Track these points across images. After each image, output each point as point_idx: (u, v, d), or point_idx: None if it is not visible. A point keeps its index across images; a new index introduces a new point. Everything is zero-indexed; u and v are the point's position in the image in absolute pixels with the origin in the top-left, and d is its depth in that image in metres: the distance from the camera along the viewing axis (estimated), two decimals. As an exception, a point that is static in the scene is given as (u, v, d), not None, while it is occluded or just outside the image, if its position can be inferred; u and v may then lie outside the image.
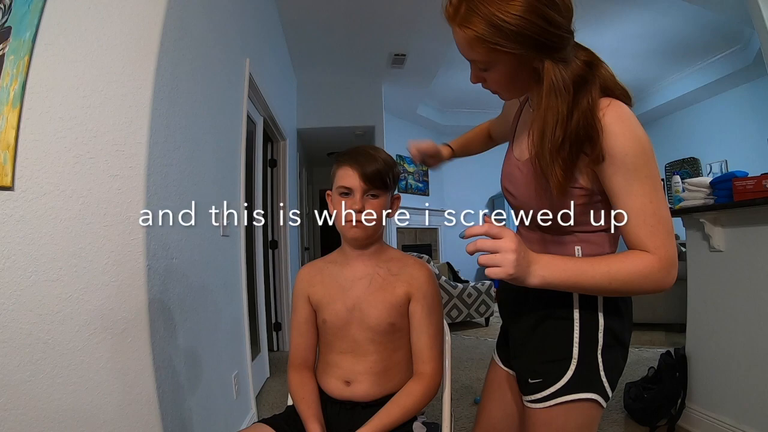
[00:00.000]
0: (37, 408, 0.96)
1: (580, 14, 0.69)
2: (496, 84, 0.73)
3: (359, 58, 4.10)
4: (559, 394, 0.73)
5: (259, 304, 2.87)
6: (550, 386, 0.73)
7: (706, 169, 5.51)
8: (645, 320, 3.76)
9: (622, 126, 0.65)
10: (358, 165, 0.90)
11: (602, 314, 0.74)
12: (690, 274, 1.93)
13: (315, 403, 0.93)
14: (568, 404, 0.72)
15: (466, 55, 0.70)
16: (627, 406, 2.05)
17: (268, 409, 2.32)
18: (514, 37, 0.62)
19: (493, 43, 0.63)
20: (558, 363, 0.74)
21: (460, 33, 0.66)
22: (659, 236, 0.66)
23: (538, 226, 0.75)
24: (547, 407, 0.74)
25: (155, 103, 1.17)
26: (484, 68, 0.71)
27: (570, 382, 0.73)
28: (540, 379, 0.75)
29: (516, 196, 0.78)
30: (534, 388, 0.75)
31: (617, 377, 0.76)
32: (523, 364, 0.80)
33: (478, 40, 0.64)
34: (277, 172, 3.58)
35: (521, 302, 0.81)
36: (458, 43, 0.69)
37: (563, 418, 0.73)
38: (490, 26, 0.62)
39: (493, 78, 0.71)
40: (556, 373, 0.73)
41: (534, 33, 0.62)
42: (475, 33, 0.63)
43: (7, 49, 0.97)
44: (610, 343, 0.74)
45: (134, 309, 1.09)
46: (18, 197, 0.97)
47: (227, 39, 1.92)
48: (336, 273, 0.99)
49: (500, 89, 0.74)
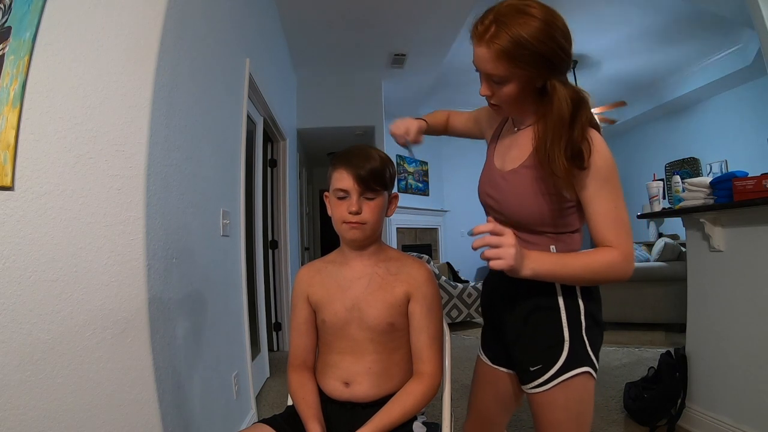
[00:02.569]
0: (37, 408, 0.96)
1: (579, 13, 0.72)
2: (505, 97, 0.83)
3: (359, 58, 4.10)
4: (559, 375, 0.84)
5: (259, 304, 2.87)
6: (550, 369, 0.84)
7: (706, 169, 5.51)
8: (645, 320, 3.75)
9: (602, 146, 0.80)
10: (353, 167, 0.90)
11: (581, 300, 0.88)
12: (690, 274, 1.93)
13: (315, 403, 0.93)
14: (567, 381, 0.84)
15: (488, 69, 0.80)
16: (627, 406, 2.05)
17: (268, 409, 2.32)
18: (532, 56, 0.75)
19: (515, 59, 0.76)
20: (553, 348, 0.85)
21: (487, 49, 0.78)
22: (621, 234, 0.79)
23: (516, 227, 0.85)
24: (550, 388, 0.84)
25: (155, 103, 1.17)
26: (499, 82, 0.81)
27: (566, 363, 0.84)
28: (540, 365, 0.85)
29: (498, 200, 0.91)
30: (535, 374, 0.86)
31: (599, 351, 0.90)
32: (522, 355, 0.90)
33: (504, 56, 0.76)
34: (277, 172, 3.58)
35: (509, 302, 0.93)
36: (483, 58, 0.79)
37: (565, 394, 0.84)
38: (515, 45, 0.74)
39: (504, 92, 0.82)
40: (553, 357, 0.84)
41: (548, 55, 0.76)
42: (502, 49, 0.75)
43: (7, 49, 0.97)
44: (590, 323, 0.89)
45: (134, 309, 1.09)
46: (18, 197, 0.97)
47: (227, 39, 1.92)
48: (335, 273, 0.99)
49: (506, 103, 0.85)
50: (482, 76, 0.84)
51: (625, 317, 3.83)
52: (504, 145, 0.96)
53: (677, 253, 3.79)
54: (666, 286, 3.63)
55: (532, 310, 0.88)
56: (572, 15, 3.93)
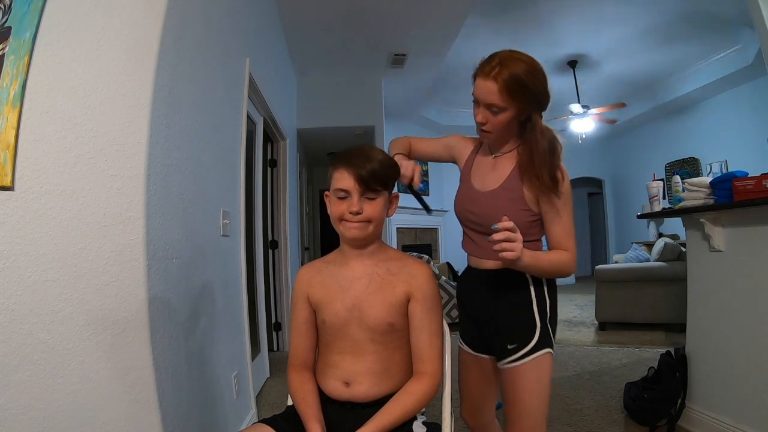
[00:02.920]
0: (37, 408, 0.96)
1: (580, 13, 0.73)
2: (498, 125, 1.03)
3: (359, 58, 4.10)
4: (531, 352, 1.04)
5: (259, 304, 2.87)
6: (524, 347, 1.04)
7: (706, 169, 5.51)
8: (645, 320, 3.75)
9: (567, 174, 1.05)
10: (353, 167, 0.90)
11: (547, 296, 1.09)
12: (690, 274, 1.93)
13: (315, 403, 0.93)
14: (537, 358, 1.04)
15: (490, 100, 0.99)
16: (627, 406, 2.05)
17: (268, 409, 2.32)
18: (526, 94, 0.98)
19: (513, 92, 0.97)
20: (527, 331, 1.06)
21: (491, 84, 0.98)
22: (572, 241, 1.04)
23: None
24: (524, 363, 1.04)
25: (155, 103, 1.17)
26: (496, 112, 1.01)
27: (537, 343, 1.05)
28: (516, 344, 1.05)
29: (480, 215, 1.09)
30: (512, 351, 1.05)
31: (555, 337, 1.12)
32: (502, 336, 1.08)
33: (505, 89, 0.97)
34: (277, 172, 3.58)
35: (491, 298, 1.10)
36: (488, 90, 0.99)
37: (535, 368, 1.04)
38: (515, 82, 0.96)
39: (497, 120, 1.02)
40: (527, 338, 1.05)
41: (537, 94, 1.00)
42: (505, 85, 0.96)
43: (7, 49, 0.97)
44: (552, 314, 1.10)
45: (134, 309, 1.09)
46: (18, 197, 0.97)
47: (227, 39, 1.92)
48: (335, 273, 0.99)
49: (497, 130, 1.04)
50: (481, 106, 1.02)
51: (625, 317, 3.83)
52: (481, 169, 1.15)
53: (677, 253, 3.78)
54: (666, 286, 3.63)
55: (511, 302, 1.08)
56: (574, 15, 3.94)
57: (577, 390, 2.44)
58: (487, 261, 1.09)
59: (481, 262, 1.12)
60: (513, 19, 3.99)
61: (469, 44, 4.36)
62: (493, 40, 4.35)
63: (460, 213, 1.16)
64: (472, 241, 1.14)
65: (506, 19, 4.00)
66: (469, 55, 4.35)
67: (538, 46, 4.52)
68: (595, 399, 2.28)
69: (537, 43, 4.43)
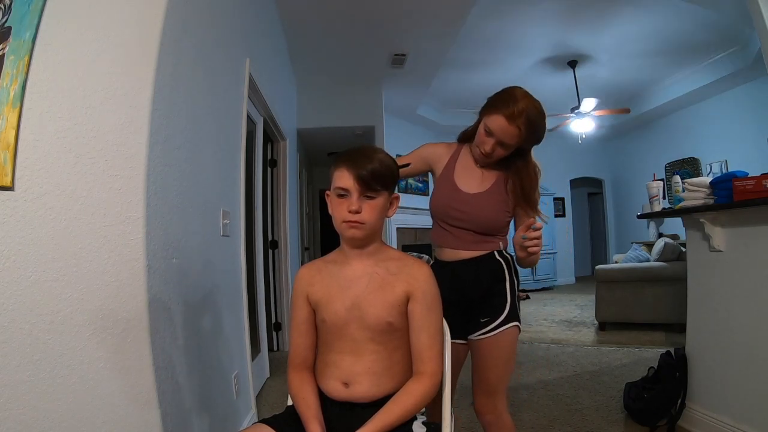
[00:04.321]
0: (37, 408, 0.96)
1: (581, 14, 0.73)
2: (501, 153, 1.22)
3: (359, 58, 4.10)
4: (501, 325, 1.22)
5: (259, 304, 2.87)
6: (495, 321, 1.22)
7: (706, 169, 5.51)
8: (645, 320, 3.75)
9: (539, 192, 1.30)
10: (354, 166, 0.90)
11: (515, 277, 1.29)
12: (690, 274, 1.93)
13: (315, 403, 0.93)
14: (507, 330, 1.22)
15: (506, 140, 1.18)
16: (627, 406, 2.05)
17: (268, 409, 2.32)
18: (535, 137, 1.20)
19: (527, 138, 1.18)
20: (500, 306, 1.24)
21: (514, 129, 1.15)
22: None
23: (474, 231, 1.26)
24: (494, 335, 1.22)
25: (155, 103, 1.17)
26: (505, 147, 1.19)
27: (506, 317, 1.22)
28: (488, 318, 1.23)
29: (467, 213, 1.25)
30: (485, 324, 1.23)
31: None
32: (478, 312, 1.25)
33: (524, 136, 1.17)
34: (277, 172, 3.58)
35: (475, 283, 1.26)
36: (508, 134, 1.16)
37: (504, 339, 1.22)
38: (532, 131, 1.17)
39: (501, 152, 1.21)
40: (497, 313, 1.23)
41: (541, 137, 1.20)
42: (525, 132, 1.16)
43: (7, 49, 0.97)
44: (516, 293, 1.28)
45: (134, 309, 1.09)
46: (18, 197, 0.97)
47: (227, 39, 1.92)
48: (335, 272, 0.99)
49: (498, 156, 1.23)
50: (493, 139, 1.18)
51: (625, 317, 3.83)
52: (465, 175, 1.30)
53: (677, 253, 3.78)
54: (666, 286, 3.63)
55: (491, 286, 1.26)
56: (574, 15, 3.94)
57: (577, 390, 2.44)
58: (464, 251, 1.26)
59: (457, 254, 1.27)
60: (513, 19, 3.99)
61: (470, 44, 4.36)
62: (493, 40, 4.35)
63: (444, 211, 1.29)
64: (451, 234, 1.29)
65: (506, 19, 4.00)
66: (468, 56, 4.36)
67: (538, 45, 4.52)
68: (595, 399, 2.29)
69: (537, 42, 4.44)
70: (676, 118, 6.08)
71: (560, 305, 5.54)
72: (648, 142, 6.75)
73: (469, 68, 4.96)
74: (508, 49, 4.54)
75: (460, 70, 4.96)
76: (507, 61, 4.82)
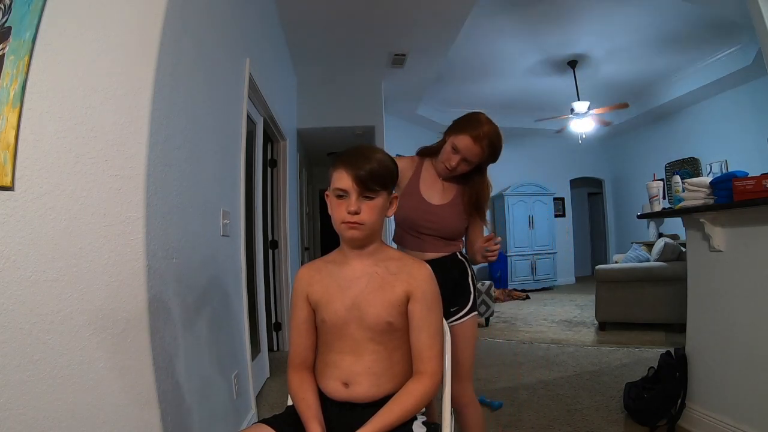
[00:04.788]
0: (37, 408, 0.96)
1: (581, 14, 0.73)
2: (464, 169, 1.38)
3: (359, 58, 4.10)
4: (468, 313, 1.41)
5: (259, 304, 2.87)
6: (463, 310, 1.41)
7: (706, 169, 5.51)
8: (645, 320, 3.75)
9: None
10: (352, 167, 0.90)
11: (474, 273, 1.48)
12: (690, 274, 1.93)
13: (315, 403, 0.93)
14: (472, 317, 1.42)
15: (471, 158, 1.34)
16: (627, 406, 2.05)
17: (268, 409, 2.32)
18: (493, 157, 1.38)
19: (488, 157, 1.36)
20: (465, 297, 1.42)
21: (478, 149, 1.32)
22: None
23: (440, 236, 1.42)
24: (463, 321, 1.40)
25: (155, 103, 1.17)
26: (468, 163, 1.36)
27: (470, 307, 1.42)
28: (457, 307, 1.41)
29: (436, 222, 1.41)
30: (454, 313, 1.40)
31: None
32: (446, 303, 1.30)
33: (486, 155, 1.35)
34: (277, 172, 3.58)
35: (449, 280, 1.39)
36: (473, 152, 1.33)
37: (470, 324, 1.41)
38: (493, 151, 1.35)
39: (465, 168, 1.37)
40: (464, 304, 1.42)
41: (497, 158, 1.39)
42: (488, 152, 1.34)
43: (7, 49, 0.97)
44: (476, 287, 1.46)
45: (134, 309, 1.09)
46: (18, 197, 0.97)
47: (227, 39, 1.92)
48: (335, 272, 0.99)
49: (461, 171, 1.38)
50: (459, 156, 1.34)
51: (625, 317, 3.83)
52: (428, 187, 1.45)
53: (677, 253, 3.78)
54: (666, 286, 3.63)
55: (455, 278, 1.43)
56: (574, 15, 3.94)
57: (577, 390, 2.44)
58: (429, 253, 1.40)
59: (423, 255, 1.39)
60: (513, 19, 3.99)
61: (470, 44, 4.36)
62: (494, 40, 4.36)
63: (414, 221, 1.43)
64: (419, 239, 1.44)
65: (506, 19, 4.00)
66: (468, 56, 4.36)
67: (538, 45, 4.52)
68: (595, 399, 2.28)
69: (537, 42, 4.44)
70: (676, 118, 6.08)
71: (560, 305, 5.54)
72: (648, 142, 6.75)
73: (468, 69, 4.97)
74: (508, 49, 4.54)
75: (459, 70, 4.96)
76: (507, 62, 4.83)
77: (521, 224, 7.16)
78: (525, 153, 7.43)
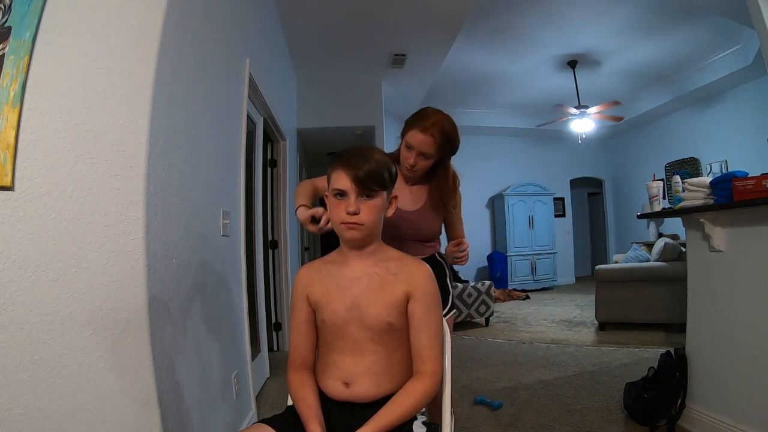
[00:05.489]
0: (37, 408, 0.96)
1: (581, 13, 0.73)
2: (424, 167, 1.37)
3: (359, 58, 4.10)
4: (450, 310, 1.47)
5: (259, 304, 2.87)
6: (446, 306, 1.43)
7: (706, 169, 5.51)
8: (645, 320, 3.75)
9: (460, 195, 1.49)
10: (350, 167, 0.90)
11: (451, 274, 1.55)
12: (690, 274, 1.93)
13: (315, 403, 0.93)
14: (452, 313, 1.49)
15: (425, 150, 1.32)
16: (627, 406, 2.05)
17: (268, 409, 2.32)
18: (451, 146, 1.36)
19: (443, 146, 1.33)
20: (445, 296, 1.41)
21: (429, 138, 1.30)
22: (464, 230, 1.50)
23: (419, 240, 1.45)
24: (449, 316, 1.45)
25: (155, 103, 1.17)
26: (426, 157, 1.34)
27: (451, 305, 1.49)
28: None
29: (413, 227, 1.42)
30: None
31: None
32: None
33: (439, 144, 1.32)
34: (277, 172, 3.58)
35: None
36: (424, 143, 1.31)
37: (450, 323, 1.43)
38: (446, 138, 1.32)
39: (426, 163, 1.36)
40: (446, 300, 1.43)
41: (456, 146, 1.38)
42: (440, 140, 1.31)
43: (7, 49, 0.97)
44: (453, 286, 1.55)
45: (134, 309, 1.09)
46: (18, 197, 0.97)
47: (227, 39, 1.92)
48: (335, 273, 0.99)
49: (422, 169, 1.38)
50: (414, 152, 1.33)
51: (625, 317, 3.83)
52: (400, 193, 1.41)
53: (677, 253, 3.78)
54: (666, 286, 3.63)
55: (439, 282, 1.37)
56: (575, 15, 3.94)
57: (577, 390, 2.44)
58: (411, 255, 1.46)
59: None
60: (512, 19, 3.99)
61: (469, 44, 4.36)
62: (493, 40, 4.36)
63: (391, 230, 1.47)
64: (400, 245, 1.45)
65: (506, 19, 4.00)
66: (468, 56, 4.38)
67: (538, 45, 4.52)
68: (595, 399, 2.28)
69: (537, 42, 4.44)
70: (677, 118, 6.08)
71: (560, 305, 5.54)
72: (648, 141, 6.75)
73: (468, 70, 4.97)
74: (508, 49, 4.54)
75: (459, 70, 4.96)
76: (507, 62, 4.83)
77: (521, 224, 7.16)
78: (525, 153, 7.43)
